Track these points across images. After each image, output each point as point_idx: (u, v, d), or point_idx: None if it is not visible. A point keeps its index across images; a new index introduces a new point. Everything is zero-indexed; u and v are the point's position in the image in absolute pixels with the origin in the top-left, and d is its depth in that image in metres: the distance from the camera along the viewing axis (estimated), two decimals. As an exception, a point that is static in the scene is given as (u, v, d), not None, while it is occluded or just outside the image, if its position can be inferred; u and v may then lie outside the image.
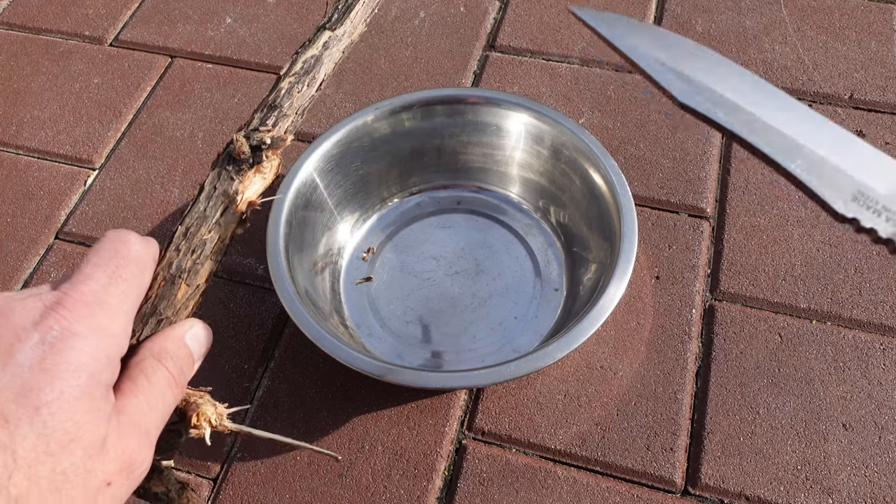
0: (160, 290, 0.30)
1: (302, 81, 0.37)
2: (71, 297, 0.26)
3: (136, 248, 0.29)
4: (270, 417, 0.58)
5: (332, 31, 0.40)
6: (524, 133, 0.64)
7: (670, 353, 0.59)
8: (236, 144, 0.33)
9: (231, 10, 0.88)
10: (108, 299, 0.27)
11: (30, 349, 0.24)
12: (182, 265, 0.31)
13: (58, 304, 0.25)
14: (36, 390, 0.23)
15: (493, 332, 0.61)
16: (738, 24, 0.80)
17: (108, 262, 0.28)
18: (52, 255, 0.69)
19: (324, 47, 0.39)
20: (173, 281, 0.31)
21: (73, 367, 0.24)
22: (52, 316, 0.25)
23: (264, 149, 0.33)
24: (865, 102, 0.72)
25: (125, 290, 0.27)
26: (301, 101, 0.37)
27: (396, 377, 0.51)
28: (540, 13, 0.84)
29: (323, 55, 0.39)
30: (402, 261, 0.65)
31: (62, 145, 0.77)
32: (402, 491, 0.54)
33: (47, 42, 0.87)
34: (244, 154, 0.33)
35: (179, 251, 0.31)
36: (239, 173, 0.33)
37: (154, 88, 0.81)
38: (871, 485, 0.52)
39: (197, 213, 0.32)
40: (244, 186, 0.33)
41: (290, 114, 0.36)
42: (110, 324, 0.26)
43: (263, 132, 0.34)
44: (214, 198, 0.32)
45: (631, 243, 0.54)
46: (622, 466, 0.54)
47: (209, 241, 0.32)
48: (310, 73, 0.38)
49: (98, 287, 0.27)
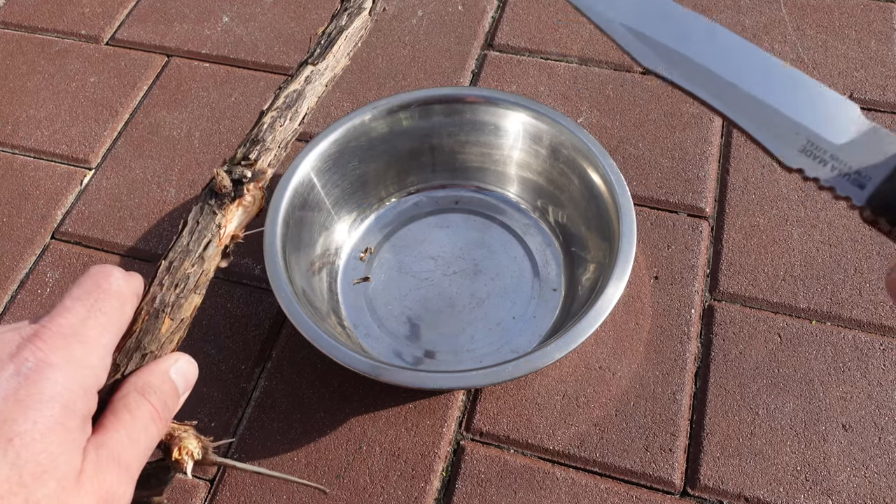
0: (144, 324, 0.30)
1: (284, 115, 0.38)
2: (48, 329, 0.26)
3: (118, 283, 0.29)
4: (268, 418, 0.58)
5: (314, 66, 0.40)
6: (522, 132, 0.64)
7: (669, 353, 0.59)
8: (218, 179, 0.33)
9: (228, 8, 0.87)
10: (85, 332, 0.27)
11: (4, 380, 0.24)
12: (166, 299, 0.31)
13: (34, 336, 0.25)
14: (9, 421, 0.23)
15: (491, 333, 0.60)
16: (738, 22, 0.80)
17: (88, 295, 0.28)
18: (48, 254, 0.68)
19: (306, 81, 0.39)
20: (157, 315, 0.31)
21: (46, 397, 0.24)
22: (29, 347, 0.25)
23: (245, 182, 0.34)
24: (865, 101, 0.72)
25: (104, 323, 0.27)
26: (284, 134, 0.37)
27: (394, 377, 0.51)
28: (538, 12, 0.83)
29: (305, 89, 0.39)
30: (399, 261, 0.65)
31: (58, 145, 0.76)
32: (399, 492, 0.54)
33: (43, 41, 0.86)
34: (226, 188, 0.33)
35: (163, 285, 0.31)
36: (221, 207, 0.33)
37: (150, 88, 0.81)
38: (870, 486, 0.52)
39: (180, 247, 0.32)
40: (227, 220, 0.33)
41: (272, 147, 0.36)
42: (87, 356, 0.26)
43: (245, 166, 0.34)
44: (197, 232, 0.33)
45: (630, 243, 0.54)
46: (621, 467, 0.54)
47: (193, 275, 0.32)
48: (292, 107, 0.38)
49: (76, 320, 0.27)
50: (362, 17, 0.44)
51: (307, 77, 0.40)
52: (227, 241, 0.33)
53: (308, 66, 0.40)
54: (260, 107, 0.77)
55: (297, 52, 0.82)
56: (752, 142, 0.26)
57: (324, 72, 0.40)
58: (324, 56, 0.41)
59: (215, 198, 0.33)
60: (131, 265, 0.67)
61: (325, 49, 0.41)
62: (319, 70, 0.40)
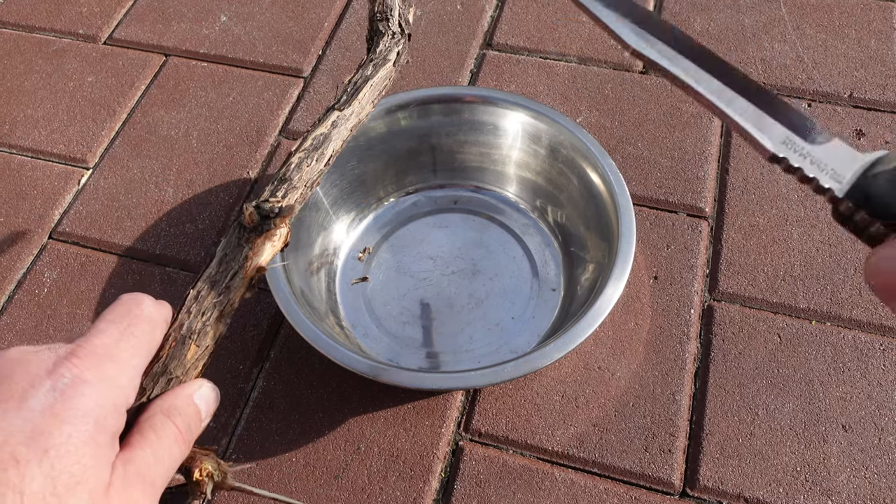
0: (171, 350, 0.32)
1: (311, 157, 0.40)
2: (83, 348, 0.27)
3: (149, 309, 0.31)
4: (266, 419, 0.58)
5: (340, 111, 0.43)
6: (521, 132, 0.64)
7: (668, 353, 0.58)
8: (246, 213, 0.35)
9: (226, 8, 0.87)
10: (118, 353, 0.28)
11: (42, 395, 0.25)
12: (192, 327, 0.32)
13: (70, 354, 0.27)
14: (46, 434, 0.24)
15: (490, 333, 0.60)
16: (737, 22, 0.80)
17: (121, 318, 0.29)
18: (45, 254, 0.68)
19: (332, 126, 0.42)
20: (184, 341, 0.32)
21: (80, 412, 0.25)
22: (65, 365, 0.26)
23: (273, 217, 0.35)
24: (865, 101, 0.72)
25: (135, 345, 0.29)
26: (310, 174, 0.40)
27: (392, 378, 0.50)
28: (537, 11, 0.83)
29: (332, 133, 0.42)
30: (398, 261, 0.64)
31: (56, 144, 0.76)
32: (398, 492, 0.54)
33: (41, 40, 0.86)
34: (254, 223, 0.35)
35: (190, 313, 0.33)
36: (249, 241, 0.35)
37: (148, 87, 0.80)
38: (870, 486, 0.52)
39: (208, 277, 0.34)
40: (253, 253, 0.35)
41: (299, 186, 0.39)
42: (118, 375, 0.28)
43: (273, 202, 0.36)
44: (225, 263, 0.34)
45: (629, 243, 0.54)
46: (620, 468, 0.54)
47: (219, 304, 0.33)
48: (318, 149, 0.41)
49: (110, 341, 0.28)
50: (387, 68, 0.47)
51: (333, 122, 0.42)
52: (252, 272, 0.35)
53: (335, 111, 0.43)
54: (258, 106, 0.77)
55: (294, 51, 0.82)
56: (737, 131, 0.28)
57: (349, 117, 0.43)
58: (350, 103, 0.44)
59: (244, 231, 0.35)
60: (129, 265, 0.67)
61: (352, 96, 0.44)
62: (345, 115, 0.43)
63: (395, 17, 0.50)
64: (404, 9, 0.51)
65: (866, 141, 0.69)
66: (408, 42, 0.50)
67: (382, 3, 0.50)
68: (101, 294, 0.65)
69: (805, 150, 0.27)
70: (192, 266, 0.66)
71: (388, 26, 0.49)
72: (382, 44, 0.48)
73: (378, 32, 0.49)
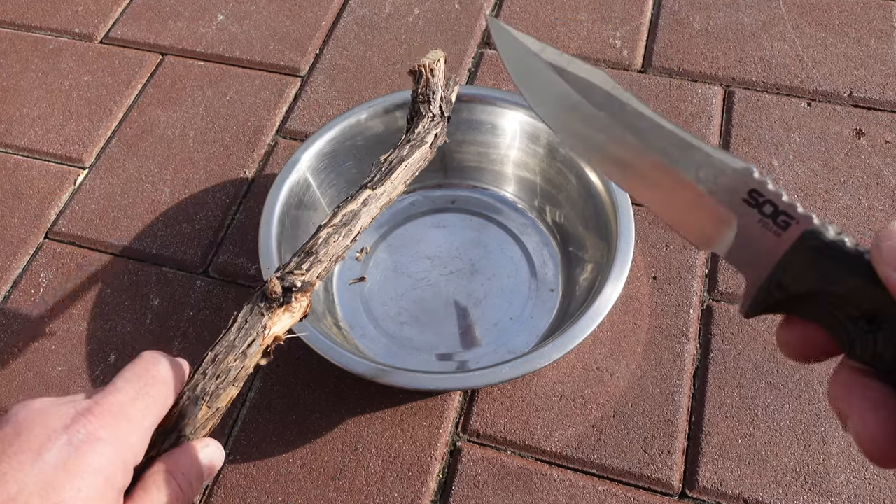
0: (183, 408, 0.33)
1: (339, 232, 0.41)
2: (100, 405, 0.29)
3: (165, 370, 0.32)
4: (263, 419, 0.57)
5: (372, 190, 0.44)
6: (519, 131, 0.64)
7: (667, 354, 0.58)
8: (270, 285, 0.36)
9: (223, 6, 0.87)
10: (132, 412, 0.29)
11: (57, 450, 0.27)
12: (206, 388, 0.33)
13: (88, 411, 0.28)
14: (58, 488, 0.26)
15: (488, 333, 0.60)
16: (736, 21, 0.79)
17: (138, 378, 0.31)
18: (41, 254, 0.68)
19: (363, 203, 0.43)
20: (196, 401, 0.33)
21: (92, 469, 0.27)
22: (81, 421, 0.28)
23: (295, 291, 0.37)
24: (865, 100, 0.72)
25: (150, 405, 0.30)
26: (336, 249, 0.41)
27: (390, 378, 0.50)
28: (535, 10, 0.83)
29: (361, 210, 0.43)
30: (395, 261, 0.64)
31: (52, 144, 0.76)
32: (395, 493, 0.53)
33: (37, 39, 0.86)
34: (276, 294, 0.36)
35: (206, 375, 0.34)
36: (269, 311, 0.36)
37: (145, 86, 0.80)
38: (870, 487, 0.52)
39: (227, 342, 0.35)
40: (272, 323, 0.36)
41: (324, 261, 0.40)
42: (130, 434, 0.29)
43: (297, 275, 0.38)
44: (244, 330, 0.35)
45: (627, 243, 0.54)
46: (619, 469, 0.54)
47: (234, 369, 0.34)
48: (347, 225, 0.42)
49: (126, 399, 0.30)
50: (423, 150, 0.48)
51: (364, 200, 0.43)
52: (269, 341, 0.36)
53: (367, 189, 0.44)
54: (255, 105, 0.77)
55: (292, 50, 0.81)
56: None
57: (380, 196, 0.44)
58: (382, 182, 0.45)
59: (265, 301, 0.36)
60: (125, 265, 0.66)
61: (385, 176, 0.45)
62: (376, 195, 0.44)
63: (437, 101, 0.51)
64: (447, 92, 0.52)
65: (866, 140, 0.69)
66: (447, 124, 0.51)
67: (426, 85, 0.51)
68: (97, 294, 0.65)
69: None
70: (188, 266, 0.66)
71: (430, 108, 0.50)
72: (422, 125, 0.49)
73: (419, 114, 0.50)
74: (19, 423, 0.27)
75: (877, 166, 0.67)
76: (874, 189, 0.66)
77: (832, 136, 0.69)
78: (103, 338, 0.62)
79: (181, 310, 0.63)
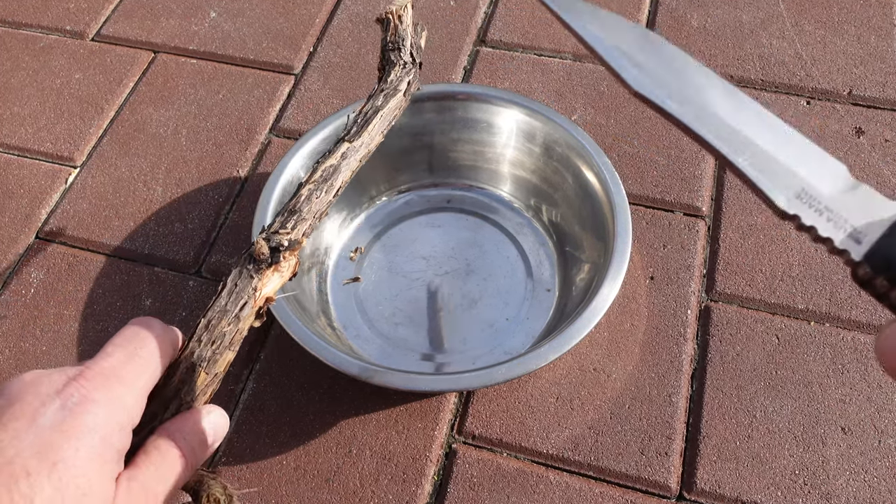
0: (182, 376, 0.33)
1: (320, 188, 0.41)
2: (91, 369, 0.29)
3: (156, 332, 0.32)
4: (256, 421, 0.57)
5: (350, 143, 0.44)
6: (515, 130, 0.63)
7: (665, 355, 0.58)
8: (257, 246, 0.36)
9: (215, 4, 0.86)
10: (124, 374, 0.30)
11: (52, 413, 0.27)
12: (203, 355, 0.34)
13: (79, 375, 0.29)
14: (55, 448, 0.26)
15: (483, 334, 0.59)
16: (735, 18, 0.79)
17: (128, 342, 0.31)
18: (32, 254, 0.67)
19: (342, 157, 0.43)
20: (194, 368, 0.33)
21: (88, 429, 0.27)
22: (73, 385, 0.28)
23: (282, 250, 0.37)
24: (864, 99, 0.71)
25: (142, 365, 0.31)
26: (319, 206, 0.41)
27: (385, 380, 0.50)
28: (532, 7, 0.82)
29: (341, 164, 0.43)
30: (390, 261, 0.64)
31: (43, 142, 0.75)
32: (390, 496, 0.53)
33: (27, 37, 0.85)
34: (264, 255, 0.36)
35: (201, 342, 0.34)
36: (258, 272, 0.36)
37: (137, 84, 0.79)
38: (870, 490, 0.51)
39: (218, 307, 0.35)
40: (262, 284, 0.36)
41: (308, 218, 0.40)
42: (124, 395, 0.29)
43: (283, 234, 0.38)
44: (235, 294, 0.35)
45: (625, 243, 0.53)
46: (616, 471, 0.53)
47: (228, 333, 0.34)
48: (328, 180, 0.42)
49: (116, 363, 0.30)
50: (397, 98, 0.48)
51: (343, 153, 0.43)
52: (261, 302, 0.36)
53: (344, 142, 0.44)
54: (248, 103, 0.76)
55: (285, 48, 0.81)
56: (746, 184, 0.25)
57: (359, 148, 0.44)
58: (360, 134, 0.45)
59: (253, 263, 0.36)
60: (117, 265, 0.66)
61: (362, 127, 0.45)
62: (355, 147, 0.44)
63: (407, 47, 0.50)
64: (416, 37, 0.51)
65: (866, 139, 0.68)
66: (419, 71, 0.51)
67: (395, 33, 0.50)
68: (88, 294, 0.64)
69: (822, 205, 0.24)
70: (180, 266, 0.65)
71: (400, 56, 0.50)
72: (394, 74, 0.49)
73: (390, 62, 0.50)
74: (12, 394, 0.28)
75: (877, 165, 0.67)
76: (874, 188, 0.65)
77: (832, 135, 0.69)
78: (95, 339, 0.61)
79: (174, 310, 0.63)
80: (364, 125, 0.45)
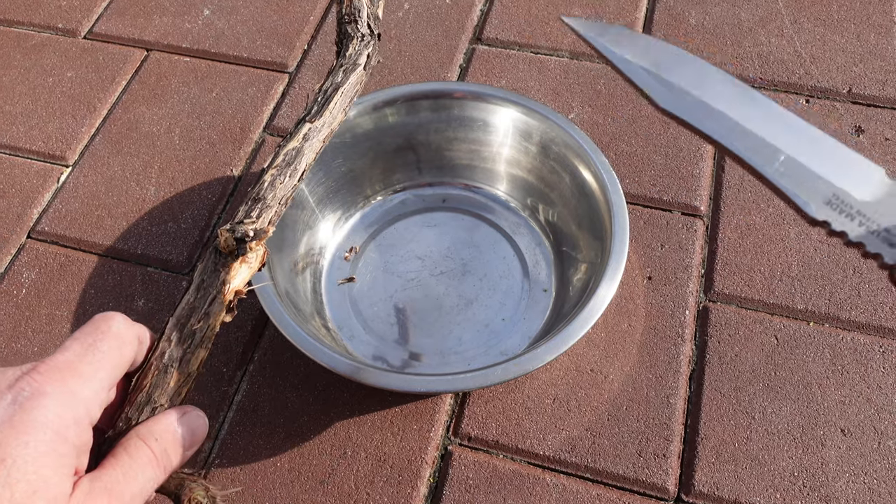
0: (154, 378, 0.32)
1: (284, 173, 0.40)
2: (45, 363, 0.28)
3: (118, 326, 0.31)
4: (250, 422, 0.56)
5: (311, 123, 0.42)
6: (512, 129, 0.62)
7: (663, 355, 0.57)
8: (221, 239, 0.35)
9: (209, 1, 0.85)
10: (81, 367, 0.29)
11: (2, 408, 0.26)
12: (174, 355, 0.33)
13: (32, 369, 0.28)
14: (3, 444, 0.25)
15: (479, 334, 0.59)
16: (733, 16, 0.78)
17: (87, 335, 0.30)
18: (23, 254, 0.66)
19: (304, 139, 0.41)
20: (166, 370, 0.32)
21: (39, 423, 0.26)
22: (25, 379, 0.27)
23: (248, 241, 0.35)
24: (864, 97, 0.71)
25: (100, 359, 0.30)
26: (284, 191, 0.39)
27: (380, 380, 0.49)
28: (528, 5, 0.82)
29: (304, 146, 0.41)
30: (385, 261, 0.63)
31: (34, 141, 0.74)
32: (385, 498, 0.52)
33: (19, 35, 0.84)
34: (230, 247, 0.35)
35: (171, 341, 0.33)
36: (225, 265, 0.35)
37: (129, 83, 0.79)
38: (870, 492, 0.51)
39: (187, 304, 0.34)
40: (230, 277, 0.35)
41: (273, 205, 0.38)
42: (80, 388, 0.28)
43: (247, 224, 0.36)
44: (203, 289, 0.34)
45: (622, 242, 0.53)
46: (613, 473, 0.53)
47: (199, 331, 0.33)
48: (291, 164, 0.40)
49: (72, 356, 0.29)
50: (357, 73, 0.46)
51: (305, 135, 0.42)
52: (230, 296, 0.35)
53: (306, 123, 0.42)
54: (242, 102, 0.75)
55: (279, 45, 0.80)
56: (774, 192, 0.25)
57: (321, 129, 0.42)
58: (321, 113, 0.43)
59: (219, 256, 0.35)
60: (109, 265, 0.65)
61: (322, 106, 0.43)
62: (317, 127, 0.42)
63: (364, 18, 0.48)
64: (373, 7, 0.49)
65: (865, 138, 0.68)
66: (378, 42, 0.49)
67: (350, 4, 0.48)
68: (80, 295, 0.63)
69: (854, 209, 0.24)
70: (173, 266, 0.65)
71: (357, 28, 0.48)
72: (352, 47, 0.47)
73: (347, 35, 0.48)
74: None
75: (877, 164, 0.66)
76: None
77: (831, 133, 0.68)
78: (86, 340, 0.61)
79: (167, 311, 0.62)
80: (325, 104, 0.43)
